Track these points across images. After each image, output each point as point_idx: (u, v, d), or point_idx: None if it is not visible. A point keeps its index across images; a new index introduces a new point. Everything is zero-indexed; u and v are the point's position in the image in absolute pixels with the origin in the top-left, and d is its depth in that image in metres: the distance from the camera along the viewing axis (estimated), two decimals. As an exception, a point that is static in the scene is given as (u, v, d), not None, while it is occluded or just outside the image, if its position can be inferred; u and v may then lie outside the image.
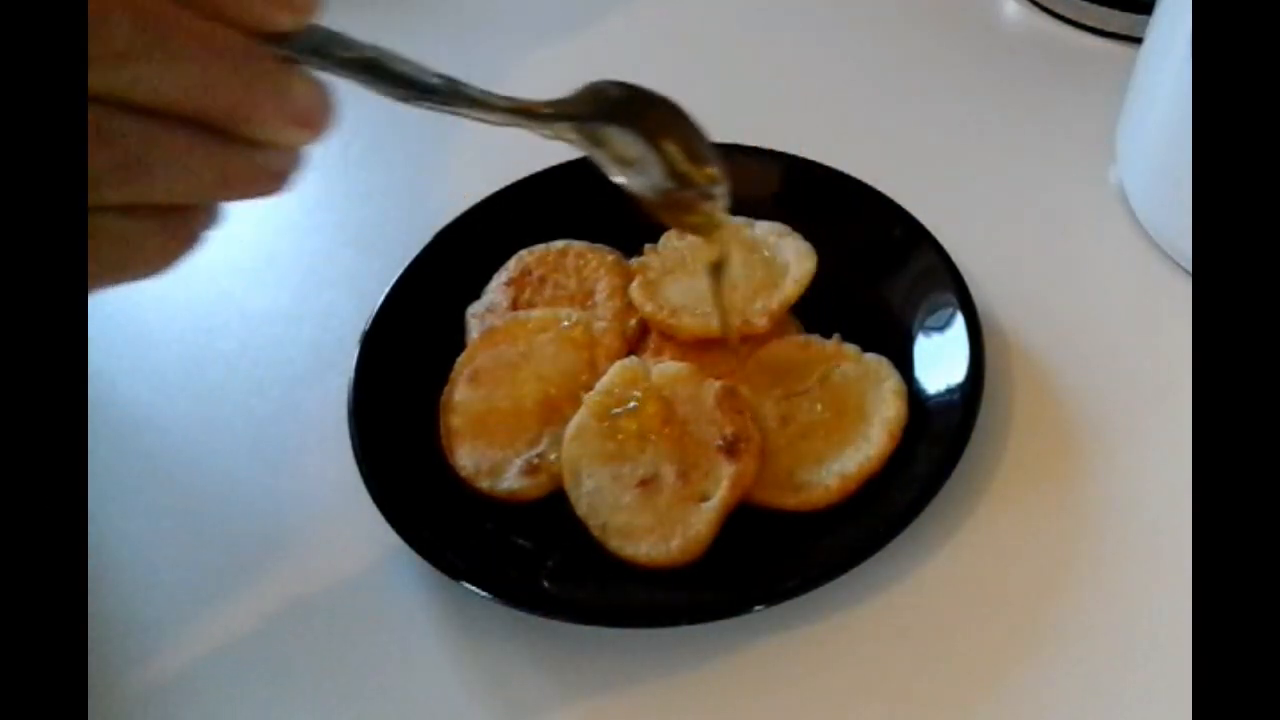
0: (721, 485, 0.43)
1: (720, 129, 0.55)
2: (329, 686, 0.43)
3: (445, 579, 0.42)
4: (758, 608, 0.41)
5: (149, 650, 0.44)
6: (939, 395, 0.46)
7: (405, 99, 0.33)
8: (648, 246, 0.51)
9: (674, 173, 0.37)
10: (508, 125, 0.34)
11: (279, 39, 0.30)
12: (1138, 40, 0.53)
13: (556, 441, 0.45)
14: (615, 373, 0.46)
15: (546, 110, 0.35)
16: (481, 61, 0.66)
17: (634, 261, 0.51)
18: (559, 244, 0.53)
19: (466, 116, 0.34)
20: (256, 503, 0.48)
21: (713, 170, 0.38)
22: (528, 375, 0.48)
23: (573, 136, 0.35)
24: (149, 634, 0.44)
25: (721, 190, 0.38)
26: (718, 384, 0.45)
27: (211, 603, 0.45)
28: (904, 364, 0.47)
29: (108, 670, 0.43)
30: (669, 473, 0.43)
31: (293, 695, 0.43)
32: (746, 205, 0.52)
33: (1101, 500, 0.45)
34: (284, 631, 0.44)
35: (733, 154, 0.54)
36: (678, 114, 0.37)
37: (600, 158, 0.36)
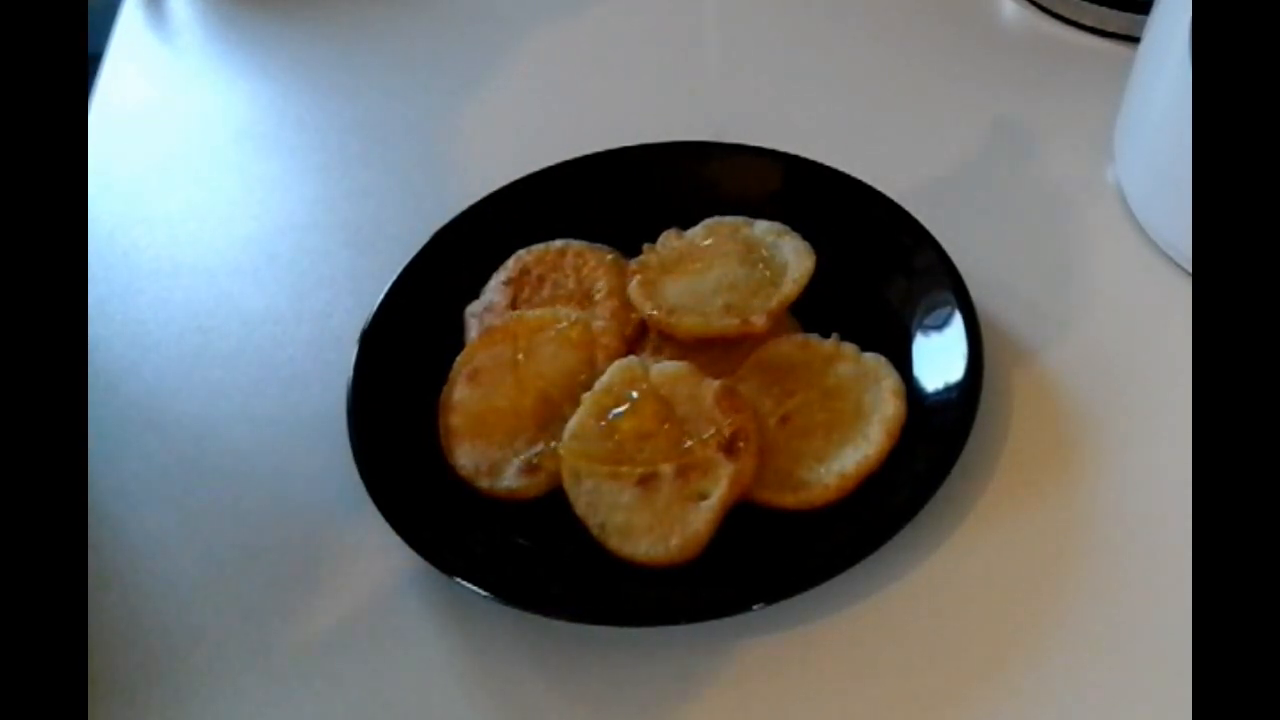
0: (720, 484, 0.43)
1: (719, 129, 0.56)
2: (327, 685, 0.43)
3: (444, 578, 0.42)
4: (756, 606, 0.41)
5: (147, 649, 0.44)
6: (937, 394, 0.46)
7: None
8: (646, 246, 0.51)
9: None
10: None
11: None
12: (1135, 40, 0.53)
13: (555, 441, 0.45)
14: (614, 372, 0.46)
15: None
16: (475, 51, 0.67)
17: (632, 261, 0.51)
18: (558, 243, 0.53)
19: None
20: (255, 503, 0.48)
21: None
22: (527, 374, 0.48)
23: None
24: (147, 632, 0.44)
25: None
26: (716, 383, 0.45)
27: (209, 601, 0.45)
28: (903, 363, 0.47)
29: (108, 672, 0.43)
30: (668, 471, 0.43)
31: (291, 694, 0.43)
32: (745, 204, 0.52)
33: (1099, 498, 0.45)
34: (283, 631, 0.44)
35: (733, 154, 0.55)
36: None
37: None
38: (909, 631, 0.42)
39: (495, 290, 0.52)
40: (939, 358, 0.47)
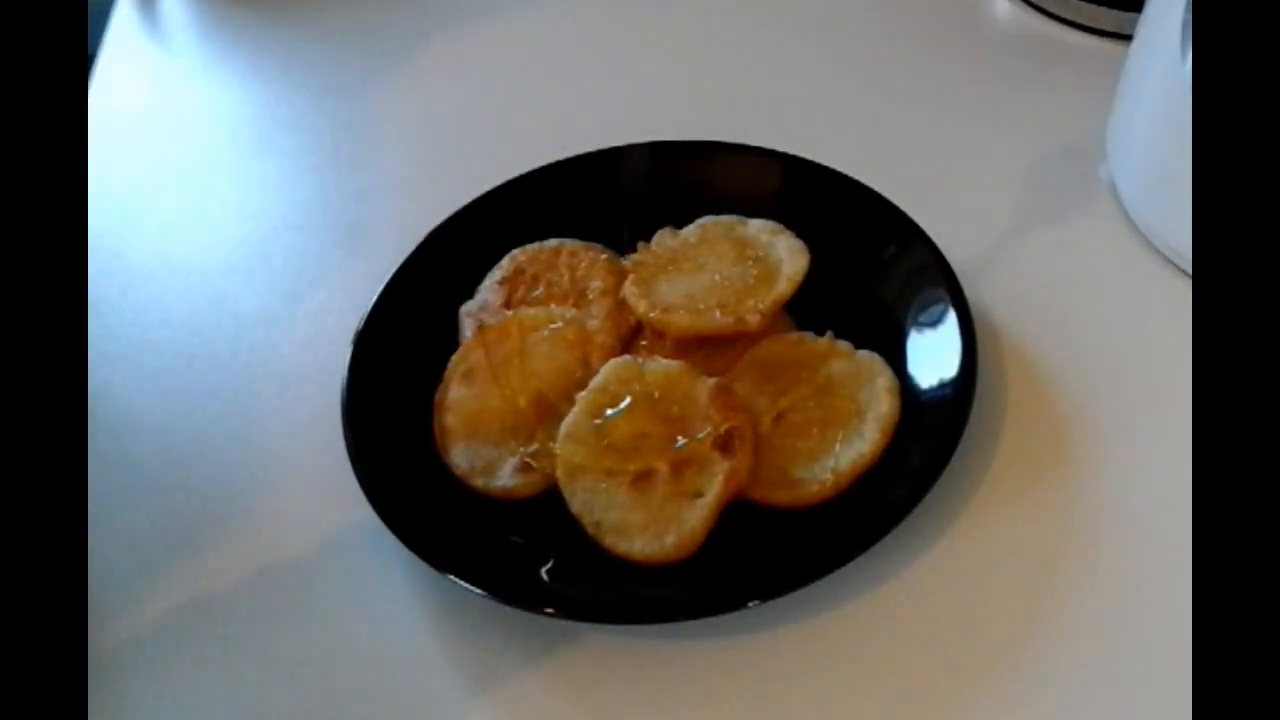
0: (715, 482, 0.43)
1: (713, 128, 0.56)
2: (325, 685, 0.43)
3: (440, 577, 0.42)
4: (751, 604, 0.41)
5: (146, 648, 0.44)
6: (932, 392, 0.46)
7: None
8: (640, 245, 0.51)
9: None
10: None
11: None
12: (1128, 38, 0.53)
13: (550, 439, 0.45)
14: (608, 371, 0.46)
15: None
16: (468, 51, 0.67)
17: (626, 260, 0.51)
18: (552, 243, 0.53)
19: None
20: (251, 503, 0.48)
21: None
22: (521, 373, 0.48)
23: None
24: (146, 631, 0.44)
25: None
26: (711, 381, 0.45)
27: (207, 603, 0.45)
28: (897, 361, 0.47)
29: (103, 671, 0.43)
30: (662, 470, 0.43)
31: (289, 694, 0.43)
32: (739, 203, 0.52)
33: (1094, 496, 0.45)
34: (279, 631, 0.44)
35: (727, 153, 0.55)
36: None
37: None
38: (904, 628, 0.42)
39: (490, 290, 0.52)
40: (933, 355, 0.47)
